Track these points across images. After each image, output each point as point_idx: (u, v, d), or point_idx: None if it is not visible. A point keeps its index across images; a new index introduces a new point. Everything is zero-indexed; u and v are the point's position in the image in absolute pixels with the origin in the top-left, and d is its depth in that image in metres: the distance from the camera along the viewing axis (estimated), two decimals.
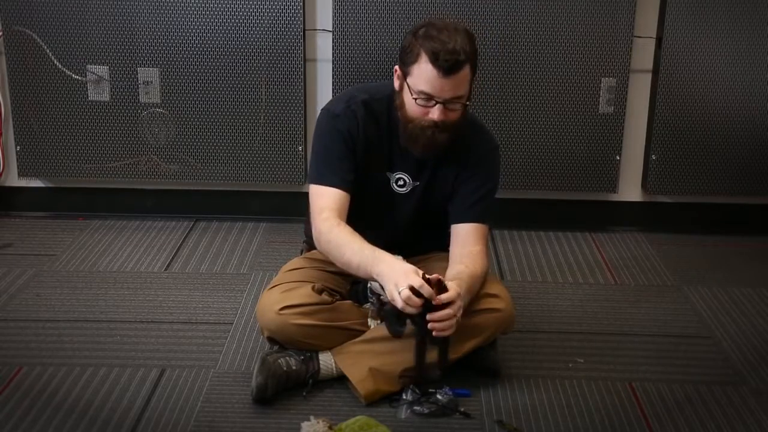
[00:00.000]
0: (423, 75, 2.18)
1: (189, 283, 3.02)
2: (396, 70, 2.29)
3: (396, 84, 2.30)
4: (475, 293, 2.30)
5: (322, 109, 2.42)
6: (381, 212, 2.43)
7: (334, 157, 2.33)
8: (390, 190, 2.41)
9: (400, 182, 2.40)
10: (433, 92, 2.18)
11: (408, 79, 2.22)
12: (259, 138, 3.43)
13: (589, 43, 3.33)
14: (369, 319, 2.37)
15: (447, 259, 2.42)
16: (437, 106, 2.20)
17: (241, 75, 3.37)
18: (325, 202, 2.31)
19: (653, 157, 3.45)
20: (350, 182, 2.33)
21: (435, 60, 2.15)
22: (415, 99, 2.21)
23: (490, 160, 2.43)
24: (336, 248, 2.26)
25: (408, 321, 2.14)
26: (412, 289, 2.06)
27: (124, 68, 3.37)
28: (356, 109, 2.33)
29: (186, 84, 3.38)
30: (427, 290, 2.08)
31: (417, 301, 2.07)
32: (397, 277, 2.11)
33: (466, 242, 2.36)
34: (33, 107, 3.42)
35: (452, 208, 2.40)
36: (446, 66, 2.15)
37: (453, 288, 2.13)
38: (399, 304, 2.08)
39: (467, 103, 2.25)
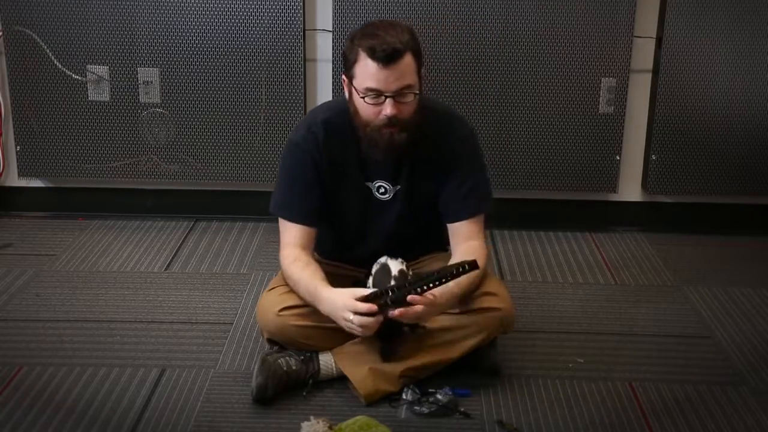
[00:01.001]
0: (366, 72, 2.18)
1: (189, 283, 3.02)
2: (344, 80, 2.29)
3: (346, 93, 2.29)
4: (475, 285, 2.30)
5: (287, 139, 2.42)
6: (369, 222, 2.43)
7: (298, 189, 2.36)
8: (374, 200, 2.40)
9: (381, 190, 2.39)
10: (379, 86, 2.18)
11: (354, 82, 2.22)
12: (259, 138, 3.43)
13: (589, 43, 3.33)
14: None
15: (445, 260, 2.43)
16: (387, 100, 2.18)
17: (241, 75, 3.37)
18: (289, 237, 2.37)
19: (653, 157, 3.45)
20: (314, 214, 2.37)
21: (373, 54, 2.15)
22: (364, 98, 2.20)
23: (468, 147, 2.40)
24: (292, 284, 2.33)
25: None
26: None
27: (124, 68, 3.37)
28: (316, 131, 2.33)
29: (186, 84, 3.38)
30: (364, 307, 2.13)
31: (370, 321, 2.13)
32: (339, 311, 2.17)
33: (464, 238, 2.36)
34: (33, 107, 3.42)
35: (444, 207, 2.39)
36: (384, 56, 2.14)
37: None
38: (357, 331, 2.17)
39: (416, 93, 2.22)
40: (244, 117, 3.41)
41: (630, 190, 3.56)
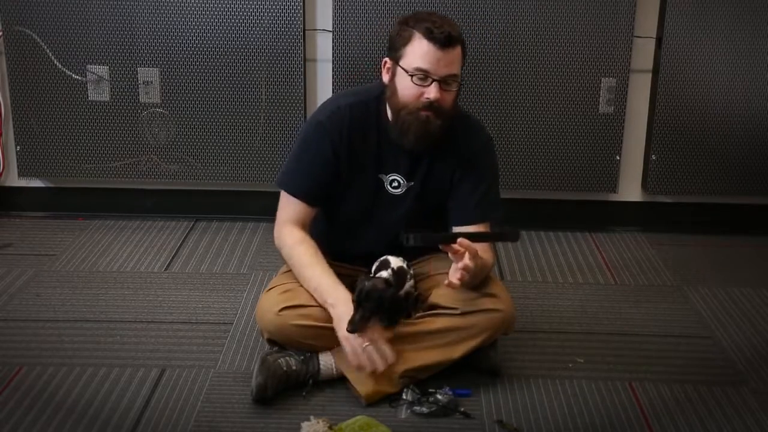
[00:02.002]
0: (418, 52, 2.20)
1: (189, 283, 3.02)
2: (385, 63, 2.30)
3: (385, 77, 2.30)
4: (482, 277, 2.31)
5: (310, 116, 2.42)
6: (378, 214, 2.43)
7: (311, 168, 2.36)
8: (385, 192, 2.40)
9: (394, 184, 2.40)
10: (430, 68, 2.19)
11: (401, 62, 2.23)
12: (259, 138, 3.43)
13: (589, 43, 3.33)
14: None
15: (447, 260, 2.42)
16: (433, 84, 2.20)
17: (241, 75, 3.37)
18: (292, 213, 2.37)
19: (653, 157, 3.45)
20: (318, 194, 2.38)
21: (430, 34, 2.18)
22: (412, 77, 2.21)
23: (485, 153, 2.42)
24: (296, 267, 2.34)
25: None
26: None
27: (124, 68, 3.37)
28: (342, 114, 2.34)
29: (186, 84, 3.38)
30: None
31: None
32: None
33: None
34: (33, 107, 3.42)
35: (454, 210, 2.39)
36: (442, 38, 2.17)
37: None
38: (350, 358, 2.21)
39: (460, 84, 2.25)
40: (244, 117, 3.41)
41: (630, 190, 3.56)
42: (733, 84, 3.37)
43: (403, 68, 2.23)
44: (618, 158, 3.45)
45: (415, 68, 2.20)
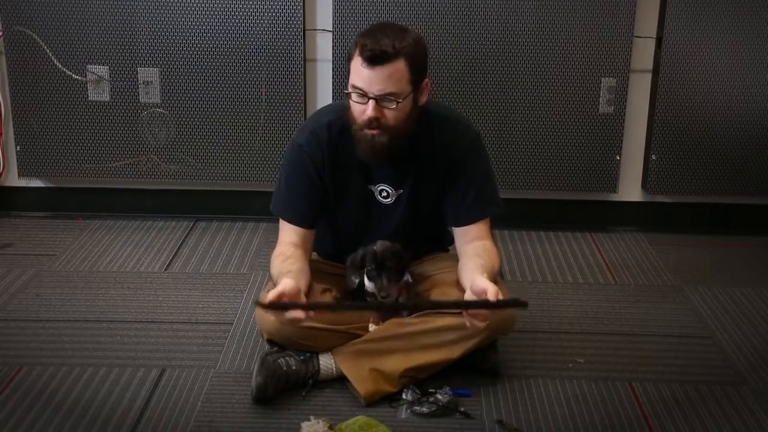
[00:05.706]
0: (354, 69, 2.19)
1: (189, 283, 3.02)
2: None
3: None
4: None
5: (292, 139, 2.41)
6: (370, 225, 2.42)
7: (297, 192, 2.36)
8: (376, 203, 2.40)
9: (384, 194, 2.39)
10: (363, 86, 2.17)
11: (349, 78, 2.23)
12: (259, 138, 3.43)
13: (589, 43, 3.33)
14: (370, 324, 2.36)
15: (447, 260, 2.43)
16: (369, 102, 2.17)
17: (241, 75, 3.37)
18: (284, 236, 2.38)
19: (653, 157, 3.45)
20: (311, 217, 2.38)
21: (362, 51, 2.15)
22: (349, 94, 2.20)
23: (474, 152, 2.38)
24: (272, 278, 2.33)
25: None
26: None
27: (124, 68, 3.37)
28: (320, 133, 2.33)
29: (186, 84, 3.38)
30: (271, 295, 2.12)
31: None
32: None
33: (472, 239, 2.36)
34: (33, 107, 3.42)
35: (448, 213, 2.39)
36: (368, 56, 2.13)
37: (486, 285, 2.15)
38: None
39: (399, 101, 2.18)
40: (244, 117, 3.41)
41: (630, 190, 3.56)
42: (733, 84, 3.37)
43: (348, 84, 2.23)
44: (618, 158, 3.45)
45: (352, 86, 2.19)
